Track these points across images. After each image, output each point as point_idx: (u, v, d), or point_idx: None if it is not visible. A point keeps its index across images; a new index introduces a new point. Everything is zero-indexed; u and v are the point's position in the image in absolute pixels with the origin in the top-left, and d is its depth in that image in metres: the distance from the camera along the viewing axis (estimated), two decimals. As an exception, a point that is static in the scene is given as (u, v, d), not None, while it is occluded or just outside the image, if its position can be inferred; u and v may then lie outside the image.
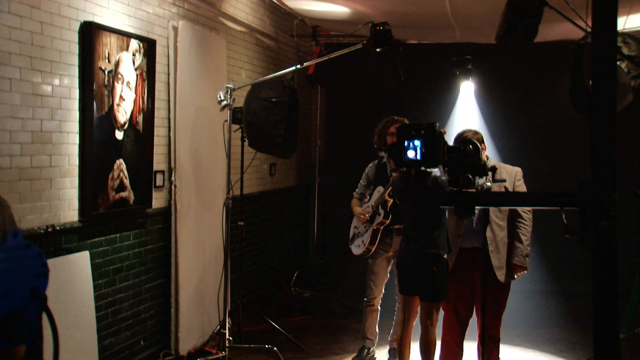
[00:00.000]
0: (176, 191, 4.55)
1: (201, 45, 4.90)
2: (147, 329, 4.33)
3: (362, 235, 4.53)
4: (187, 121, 4.71)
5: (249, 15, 6.11)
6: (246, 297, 6.14)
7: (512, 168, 3.90)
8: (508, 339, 5.09)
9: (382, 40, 3.99)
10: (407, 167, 1.81)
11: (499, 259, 3.75)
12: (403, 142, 1.86)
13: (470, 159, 1.85)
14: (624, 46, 3.86)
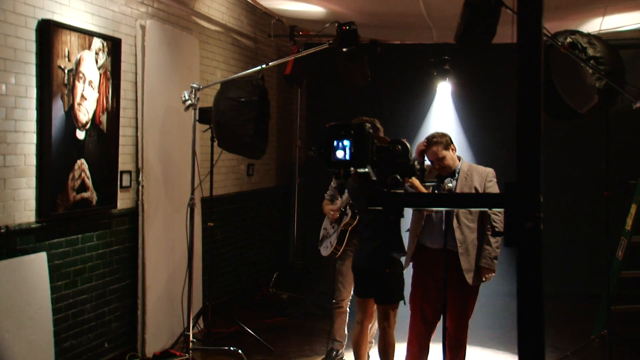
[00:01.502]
0: (143, 191, 4.51)
1: (171, 44, 4.86)
2: (112, 330, 4.29)
3: (330, 237, 4.50)
4: (156, 121, 4.67)
5: (224, 14, 6.08)
6: (221, 299, 6.11)
7: (483, 169, 3.88)
8: (480, 341, 5.08)
9: (349, 40, 3.96)
10: (335, 168, 1.77)
11: (469, 262, 3.73)
12: (332, 142, 1.83)
13: (399, 159, 1.82)
14: (590, 47, 3.84)
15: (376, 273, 3.70)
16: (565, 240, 6.23)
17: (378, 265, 3.70)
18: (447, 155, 3.79)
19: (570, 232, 6.23)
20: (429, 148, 3.82)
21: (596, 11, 5.67)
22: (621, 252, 4.98)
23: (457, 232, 3.71)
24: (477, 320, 5.46)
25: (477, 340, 5.08)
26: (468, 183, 3.78)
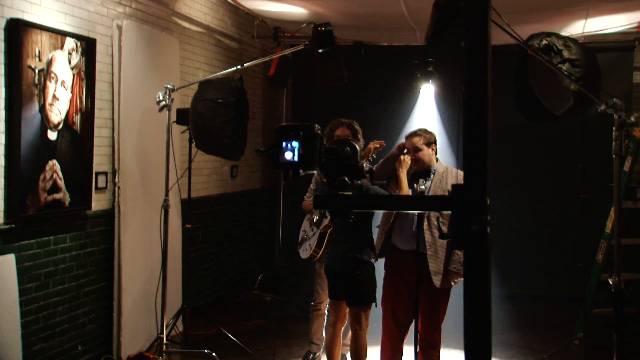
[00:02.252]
0: (120, 193, 4.48)
1: (150, 45, 4.83)
2: (87, 333, 4.25)
3: (310, 239, 4.47)
4: (133, 122, 4.64)
5: (207, 15, 6.05)
6: (203, 301, 6.08)
7: (458, 172, 3.86)
8: (459, 343, 5.05)
9: (324, 41, 3.94)
10: (283, 169, 1.74)
11: (437, 264, 3.71)
12: (281, 143, 1.80)
13: (347, 161, 1.79)
14: (565, 49, 3.83)
15: (347, 275, 3.69)
16: (547, 242, 6.22)
17: (349, 268, 3.69)
18: (424, 150, 3.80)
19: (551, 234, 6.22)
20: (410, 138, 3.83)
21: (578, 14, 5.67)
22: (601, 255, 4.97)
23: (426, 233, 3.69)
24: (457, 323, 5.46)
25: (458, 343, 5.06)
26: (442, 185, 3.77)
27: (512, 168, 6.40)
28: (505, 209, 6.37)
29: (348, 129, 4.48)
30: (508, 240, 6.28)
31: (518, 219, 6.36)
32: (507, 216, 6.34)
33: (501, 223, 6.33)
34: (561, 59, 3.85)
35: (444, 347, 4.77)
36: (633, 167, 4.83)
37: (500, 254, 6.16)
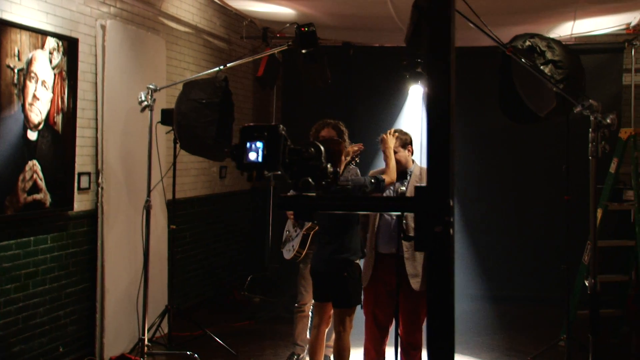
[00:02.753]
0: (103, 193, 4.46)
1: (135, 45, 4.81)
2: (69, 334, 4.23)
3: (293, 240, 4.46)
4: (117, 122, 4.62)
5: (195, 16, 6.03)
6: (191, 302, 6.06)
7: None
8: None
9: (308, 42, 3.93)
10: (247, 170, 1.73)
11: (414, 267, 3.69)
12: (245, 143, 1.78)
13: (311, 162, 1.77)
14: (548, 51, 3.81)
15: (334, 277, 3.68)
16: (533, 244, 6.21)
17: (336, 269, 3.67)
18: (400, 152, 3.80)
19: (537, 236, 6.21)
20: (389, 139, 3.82)
21: (566, 15, 5.66)
22: (587, 256, 4.96)
23: None
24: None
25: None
26: None
27: (497, 169, 6.40)
28: (491, 210, 6.36)
29: (334, 130, 4.47)
30: (493, 241, 6.28)
31: (503, 220, 6.35)
32: (492, 217, 6.33)
33: (486, 224, 6.33)
34: (544, 60, 3.84)
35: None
36: (619, 168, 4.82)
37: (486, 255, 6.16)
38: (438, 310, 1.69)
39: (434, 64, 1.70)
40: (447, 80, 1.70)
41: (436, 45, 1.71)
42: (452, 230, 1.68)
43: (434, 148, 1.69)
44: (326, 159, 1.79)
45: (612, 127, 2.82)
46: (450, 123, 1.69)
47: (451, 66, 1.78)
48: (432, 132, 1.69)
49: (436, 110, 1.69)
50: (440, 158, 1.69)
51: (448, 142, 1.70)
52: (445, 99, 1.69)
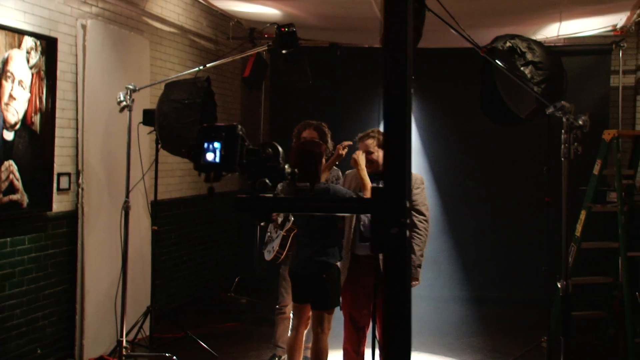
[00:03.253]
0: (84, 194, 4.43)
1: (117, 45, 4.79)
2: (47, 336, 4.19)
3: (273, 241, 4.43)
4: (98, 122, 4.59)
5: (180, 16, 6.01)
6: (176, 303, 6.03)
7: (412, 175, 3.84)
8: (428, 347, 5.03)
9: (288, 42, 3.91)
10: (204, 171, 1.71)
11: None
12: (202, 144, 1.76)
13: (269, 162, 1.75)
14: (528, 52, 3.80)
15: (313, 278, 3.66)
16: (515, 245, 6.20)
17: (315, 271, 3.65)
18: (377, 153, 3.78)
19: (519, 237, 6.19)
20: (364, 140, 3.81)
21: (552, 16, 5.66)
22: (571, 258, 4.95)
23: None
24: (425, 326, 5.44)
25: (425, 346, 5.04)
26: None
27: (480, 171, 6.39)
28: (474, 212, 6.35)
29: (315, 131, 4.46)
30: (476, 243, 6.26)
31: (486, 222, 6.33)
32: (473, 219, 6.32)
33: (469, 226, 6.32)
34: (525, 62, 3.83)
35: (415, 351, 4.75)
36: (603, 170, 4.82)
37: (469, 257, 6.15)
38: (394, 312, 1.68)
39: (389, 61, 1.68)
40: (403, 79, 1.69)
41: (392, 44, 1.69)
42: (408, 232, 1.66)
43: (390, 149, 1.66)
44: (284, 159, 1.77)
45: (585, 129, 2.81)
46: (407, 123, 1.67)
47: (408, 64, 1.77)
48: (388, 133, 1.67)
49: (393, 110, 1.67)
50: (396, 159, 1.67)
51: (404, 143, 1.68)
52: (401, 97, 1.67)
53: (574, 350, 4.99)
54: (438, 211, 6.08)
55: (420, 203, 3.81)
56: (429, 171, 6.21)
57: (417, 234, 3.74)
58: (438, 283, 6.05)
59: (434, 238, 5.99)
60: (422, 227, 3.76)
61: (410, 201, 1.69)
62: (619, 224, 4.66)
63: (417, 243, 3.73)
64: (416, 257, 3.72)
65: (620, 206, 4.66)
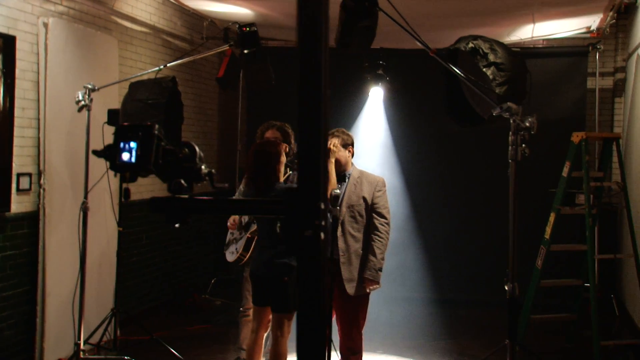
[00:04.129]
0: (45, 195, 4.37)
1: (82, 44, 4.73)
2: (5, 339, 4.13)
3: (237, 242, 4.39)
4: (61, 122, 4.53)
5: (153, 15, 5.96)
6: (146, 305, 5.96)
7: (374, 177, 3.83)
8: (398, 350, 5.00)
9: (249, 42, 3.87)
10: (120, 171, 1.66)
11: (350, 271, 3.65)
12: (119, 143, 1.72)
13: (185, 163, 1.71)
14: (491, 53, 3.78)
15: (274, 281, 3.62)
16: (483, 248, 6.18)
17: (276, 274, 3.61)
18: (340, 152, 3.76)
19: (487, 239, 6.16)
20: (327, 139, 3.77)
21: (525, 17, 5.65)
22: (540, 261, 4.93)
23: (340, 240, 3.64)
24: (394, 329, 5.41)
25: (394, 349, 5.01)
26: (357, 191, 3.72)
27: (449, 173, 6.36)
28: (440, 214, 6.32)
29: (279, 132, 4.43)
30: (443, 245, 6.23)
31: (454, 224, 6.29)
32: (442, 220, 6.28)
33: (437, 228, 6.28)
34: (487, 63, 3.81)
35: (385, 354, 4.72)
36: (571, 172, 4.80)
37: (435, 259, 6.12)
38: (308, 314, 1.64)
39: (305, 62, 1.65)
40: (317, 80, 1.65)
41: (306, 42, 1.65)
42: (323, 234, 1.63)
43: (305, 148, 1.63)
44: (201, 159, 1.73)
45: (532, 130, 2.78)
46: (322, 122, 1.64)
47: (323, 62, 1.73)
48: (302, 132, 1.64)
49: (306, 111, 1.64)
50: (311, 159, 1.63)
51: (319, 142, 1.64)
52: (316, 97, 1.64)
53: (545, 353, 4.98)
54: (408, 213, 6.05)
55: (382, 206, 3.78)
56: (400, 173, 6.18)
57: (379, 237, 3.71)
58: (406, 285, 6.03)
59: (403, 240, 5.97)
60: (383, 230, 3.73)
61: (326, 203, 1.65)
62: (587, 227, 4.64)
63: (379, 246, 3.70)
64: (377, 260, 3.69)
65: (587, 209, 4.64)
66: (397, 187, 6.02)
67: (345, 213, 3.70)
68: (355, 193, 3.70)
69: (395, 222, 5.96)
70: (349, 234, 3.64)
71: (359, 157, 6.08)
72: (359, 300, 3.71)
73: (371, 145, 6.16)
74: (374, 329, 5.25)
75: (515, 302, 2.71)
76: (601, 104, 7.08)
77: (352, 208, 3.71)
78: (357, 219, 3.67)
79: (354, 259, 3.64)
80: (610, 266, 6.13)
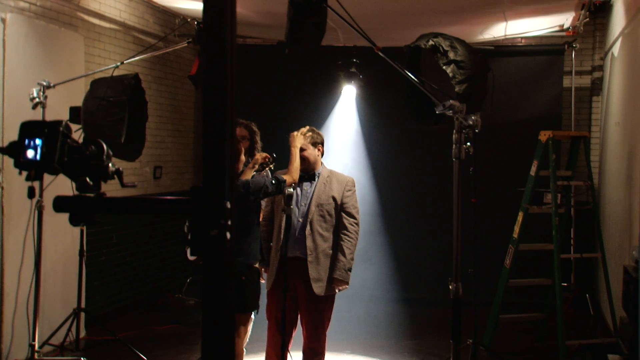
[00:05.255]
0: (4, 193, 4.31)
1: (44, 40, 4.67)
2: (-39, 339, 4.07)
3: (200, 242, 4.34)
4: (20, 119, 4.43)
5: (123, 12, 5.89)
6: (115, 305, 5.90)
7: (344, 177, 3.79)
8: (365, 349, 4.97)
9: (208, 39, 3.81)
10: (24, 169, 1.61)
11: (318, 271, 3.60)
12: (24, 140, 1.66)
13: (92, 160, 1.66)
14: (451, 51, 3.74)
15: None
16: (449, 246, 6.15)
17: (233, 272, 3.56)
18: (309, 150, 3.71)
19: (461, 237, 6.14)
20: (297, 137, 3.73)
21: (496, 16, 5.61)
22: (509, 260, 4.90)
23: (308, 239, 3.59)
24: (361, 328, 5.38)
25: (362, 348, 4.98)
26: (327, 190, 3.68)
27: (416, 172, 6.32)
28: (408, 213, 6.28)
29: (246, 130, 4.40)
30: (408, 244, 6.20)
31: (419, 223, 6.24)
32: (409, 220, 6.24)
33: (403, 227, 6.25)
34: (447, 60, 3.77)
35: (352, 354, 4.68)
36: (539, 171, 4.77)
37: (401, 258, 6.09)
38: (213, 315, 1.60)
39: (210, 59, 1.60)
40: (222, 74, 1.61)
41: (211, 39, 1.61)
42: (228, 234, 1.59)
43: (209, 145, 1.58)
44: (109, 157, 1.68)
45: (476, 129, 2.74)
46: (227, 122, 1.60)
47: (229, 59, 1.69)
48: (207, 129, 1.59)
49: (211, 107, 1.60)
50: (216, 156, 1.59)
51: (224, 139, 1.60)
52: (221, 93, 1.59)
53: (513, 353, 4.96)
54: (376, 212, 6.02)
55: (352, 206, 3.74)
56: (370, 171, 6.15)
57: (348, 237, 3.67)
58: (372, 284, 5.99)
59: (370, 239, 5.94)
60: (352, 230, 3.69)
61: (232, 202, 1.61)
62: (553, 226, 4.62)
63: (348, 246, 3.66)
64: (347, 260, 3.65)
65: (554, 208, 4.62)
66: (367, 186, 5.99)
67: (314, 212, 3.66)
68: (324, 192, 3.66)
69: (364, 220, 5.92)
70: (318, 233, 3.60)
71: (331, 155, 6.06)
72: (325, 301, 3.67)
73: (342, 143, 6.12)
74: (341, 329, 5.23)
75: (459, 302, 2.68)
76: (579, 103, 7.06)
77: (322, 207, 3.67)
78: (326, 218, 3.63)
79: (322, 258, 3.60)
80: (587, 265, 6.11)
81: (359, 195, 3.94)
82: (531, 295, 5.47)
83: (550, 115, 6.68)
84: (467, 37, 6.26)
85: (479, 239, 4.50)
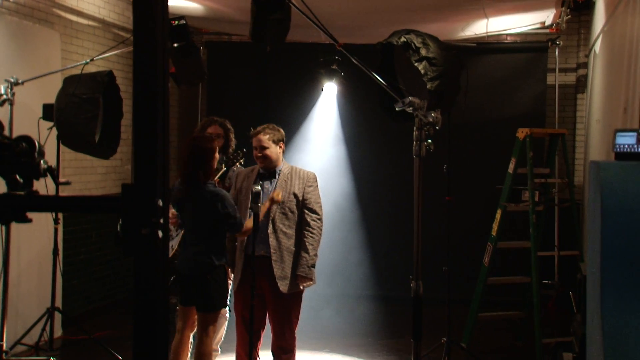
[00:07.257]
0: (-25, 192, 4.26)
1: (17, 37, 4.62)
2: None
3: (173, 239, 4.31)
4: (-6, 117, 4.42)
5: (102, 9, 5.85)
6: (94, 305, 5.86)
7: (304, 173, 3.76)
8: (343, 349, 4.94)
9: (179, 36, 3.78)
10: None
11: (283, 269, 3.58)
12: (-46, 139, 1.63)
13: (23, 158, 1.63)
14: (423, 47, 3.70)
15: (197, 279, 3.54)
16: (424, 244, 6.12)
17: (199, 272, 3.53)
18: (271, 148, 3.69)
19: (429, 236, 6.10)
20: (257, 135, 3.70)
21: (477, 12, 5.58)
22: (487, 258, 4.88)
23: (271, 238, 3.56)
24: (338, 327, 5.35)
25: (340, 348, 4.95)
26: (288, 188, 3.65)
27: (391, 169, 6.27)
28: (385, 211, 6.25)
29: (220, 128, 4.40)
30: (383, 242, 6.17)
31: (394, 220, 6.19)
32: (385, 218, 6.21)
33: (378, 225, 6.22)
34: (419, 57, 3.73)
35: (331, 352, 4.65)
36: (517, 168, 4.75)
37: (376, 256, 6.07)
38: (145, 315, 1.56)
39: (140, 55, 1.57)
40: (153, 70, 1.58)
41: (141, 35, 1.58)
42: (161, 232, 1.55)
43: (140, 145, 1.55)
44: (40, 154, 1.65)
45: (437, 126, 2.72)
46: (158, 118, 1.56)
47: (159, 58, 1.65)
48: (137, 127, 1.56)
49: (142, 103, 1.56)
50: (147, 154, 1.56)
51: (155, 135, 1.56)
52: (152, 89, 1.56)
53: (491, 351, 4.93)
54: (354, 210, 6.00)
55: (314, 201, 3.71)
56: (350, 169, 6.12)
57: (311, 233, 3.64)
58: (350, 282, 5.98)
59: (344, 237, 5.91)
60: (315, 225, 3.66)
61: (164, 200, 1.57)
62: (530, 223, 4.60)
63: (311, 242, 3.63)
64: (310, 256, 3.62)
65: (531, 205, 4.59)
66: (347, 184, 5.96)
67: (276, 210, 3.63)
68: (285, 189, 3.63)
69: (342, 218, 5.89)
70: (281, 230, 3.57)
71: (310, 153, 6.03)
72: (292, 298, 3.65)
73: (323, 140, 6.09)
74: (318, 327, 5.21)
75: (419, 301, 2.65)
76: (565, 101, 7.04)
77: (283, 204, 3.64)
78: (288, 215, 3.60)
79: (286, 256, 3.57)
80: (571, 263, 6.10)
81: (339, 192, 3.92)
82: (511, 293, 5.45)
83: (534, 113, 6.66)
84: (449, 34, 6.24)
85: (458, 237, 4.48)
